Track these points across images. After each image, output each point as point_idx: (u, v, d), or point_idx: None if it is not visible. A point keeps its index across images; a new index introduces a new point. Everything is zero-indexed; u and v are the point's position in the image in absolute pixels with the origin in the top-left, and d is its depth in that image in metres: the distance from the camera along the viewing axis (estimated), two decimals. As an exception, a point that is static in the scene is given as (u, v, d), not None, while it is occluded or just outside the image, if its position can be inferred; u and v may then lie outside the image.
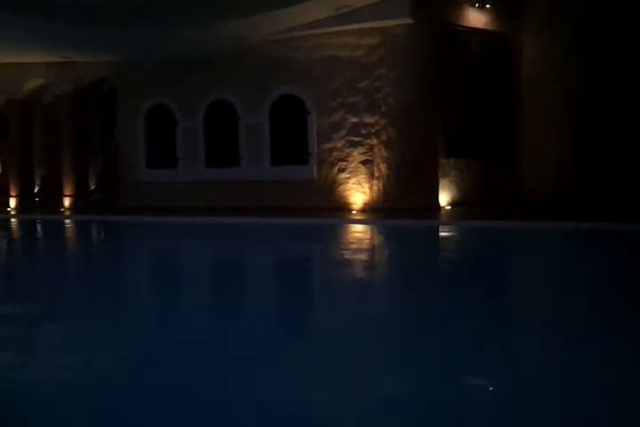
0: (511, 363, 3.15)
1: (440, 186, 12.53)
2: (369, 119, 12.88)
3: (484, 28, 13.44)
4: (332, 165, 13.44)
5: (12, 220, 14.92)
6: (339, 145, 13.34)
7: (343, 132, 13.25)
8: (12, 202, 16.99)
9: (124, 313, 4.52)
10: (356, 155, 13.13)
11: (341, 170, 13.32)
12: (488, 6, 13.34)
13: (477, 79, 13.39)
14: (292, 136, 13.91)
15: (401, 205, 12.40)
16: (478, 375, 3.00)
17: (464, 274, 5.88)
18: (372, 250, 8.23)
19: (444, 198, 12.66)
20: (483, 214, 11.34)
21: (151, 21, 12.30)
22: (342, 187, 13.32)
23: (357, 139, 13.08)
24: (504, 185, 13.51)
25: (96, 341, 3.74)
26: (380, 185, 12.86)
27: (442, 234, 10.00)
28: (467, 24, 13.15)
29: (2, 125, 18.35)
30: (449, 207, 12.62)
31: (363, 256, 7.33)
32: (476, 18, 13.29)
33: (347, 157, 13.24)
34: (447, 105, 12.69)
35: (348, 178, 13.23)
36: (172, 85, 15.12)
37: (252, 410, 2.57)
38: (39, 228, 13.70)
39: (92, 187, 17.85)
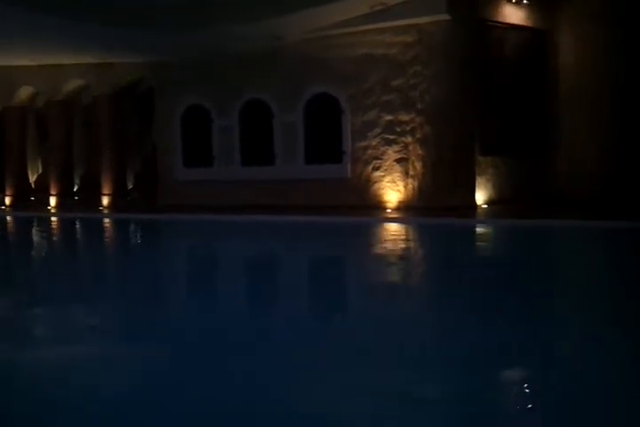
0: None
1: (476, 184, 12.26)
2: (404, 117, 12.66)
3: (521, 23, 13.11)
4: (367, 163, 13.26)
5: (53, 218, 15.08)
6: (373, 143, 13.15)
7: (377, 130, 13.06)
8: (53, 200, 17.19)
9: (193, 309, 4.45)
10: (391, 153, 12.92)
11: (376, 168, 13.14)
12: (525, 1, 13.00)
13: (514, 76, 13.07)
14: (326, 134, 13.77)
15: (436, 203, 12.16)
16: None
17: (517, 273, 5.68)
18: (419, 249, 8.07)
19: (481, 196, 12.39)
20: (521, 213, 11.05)
21: (187, 22, 12.28)
22: (377, 185, 13.14)
23: (392, 137, 12.87)
24: (541, 183, 13.16)
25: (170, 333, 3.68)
26: (415, 183, 12.64)
27: (484, 232, 9.78)
28: (503, 20, 12.84)
29: (42, 126, 18.61)
30: (485, 206, 12.34)
31: (411, 255, 7.19)
32: (512, 13, 12.97)
33: (381, 155, 13.05)
34: (484, 102, 12.40)
35: (383, 176, 13.04)
36: (208, 85, 15.10)
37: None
38: (80, 226, 13.81)
39: (130, 186, 17.98)
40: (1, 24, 12.46)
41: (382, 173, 13.04)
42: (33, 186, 19.08)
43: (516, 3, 12.96)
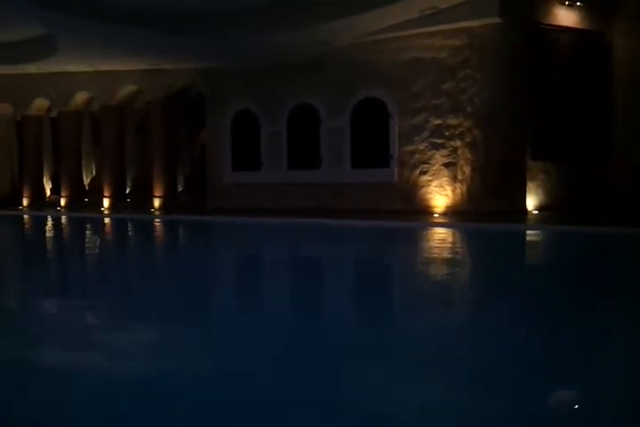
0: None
1: (527, 189, 11.86)
2: (453, 121, 12.36)
3: (575, 26, 12.66)
4: (414, 167, 13.01)
5: (106, 219, 15.30)
6: (421, 147, 12.89)
7: (425, 134, 12.80)
8: (105, 202, 17.46)
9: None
10: (439, 157, 12.64)
11: (423, 172, 12.87)
12: (579, 3, 12.55)
13: (567, 79, 12.61)
14: (373, 139, 13.59)
15: (485, 208, 11.82)
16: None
17: (575, 282, 5.38)
18: (472, 255, 7.80)
19: (531, 202, 11.98)
20: (574, 219, 10.61)
21: (239, 28, 12.29)
22: (424, 189, 12.87)
23: (440, 141, 12.59)
24: (595, 188, 12.65)
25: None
26: (464, 188, 12.32)
27: (535, 239, 9.39)
28: (556, 22, 12.43)
29: (96, 130, 18.97)
30: (536, 211, 11.92)
31: (465, 261, 6.93)
32: (565, 16, 12.54)
33: (429, 159, 12.78)
34: (536, 106, 12.01)
35: (430, 180, 12.76)
36: (257, 91, 15.12)
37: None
38: (131, 226, 13.96)
39: (180, 189, 18.15)
40: (65, 33, 12.75)
41: (430, 178, 12.76)
42: (87, 188, 19.47)
43: (569, 5, 12.54)
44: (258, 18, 11.98)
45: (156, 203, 16.67)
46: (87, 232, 12.85)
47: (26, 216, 16.91)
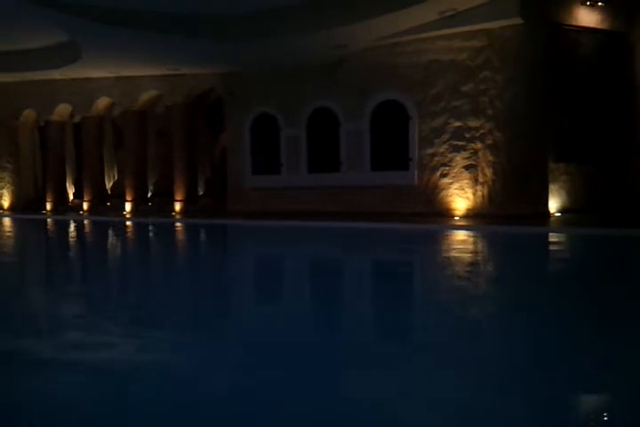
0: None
1: (549, 191, 11.63)
2: (473, 123, 12.18)
3: (596, 26, 12.42)
4: (434, 170, 12.84)
5: (128, 223, 15.32)
6: (441, 150, 12.72)
7: (445, 136, 12.62)
8: (127, 206, 17.51)
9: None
10: (459, 159, 12.46)
11: (443, 175, 12.69)
12: (600, 4, 12.31)
13: (589, 80, 12.37)
14: (392, 141, 13.45)
15: (507, 211, 11.62)
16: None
17: (603, 286, 5.19)
18: (496, 258, 7.62)
19: (554, 204, 11.75)
20: (597, 222, 10.37)
21: (257, 32, 12.23)
22: (444, 192, 12.69)
23: (460, 143, 12.41)
24: (618, 191, 12.38)
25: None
26: (485, 190, 12.12)
27: (558, 241, 9.17)
28: (577, 23, 12.21)
29: (118, 134, 19.06)
30: (558, 214, 11.69)
31: (490, 264, 6.76)
32: (587, 16, 12.31)
33: (449, 161, 12.60)
34: (557, 107, 11.79)
35: (451, 183, 12.58)
36: (276, 94, 15.07)
37: None
38: (153, 230, 13.95)
39: (201, 192, 18.14)
40: (88, 39, 12.80)
41: (450, 180, 12.58)
42: (109, 192, 19.56)
43: (591, 5, 12.30)
44: (275, 22, 11.91)
45: (177, 207, 16.68)
46: (112, 236, 12.86)
47: (49, 220, 17.00)
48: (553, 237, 9.42)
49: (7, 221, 17.27)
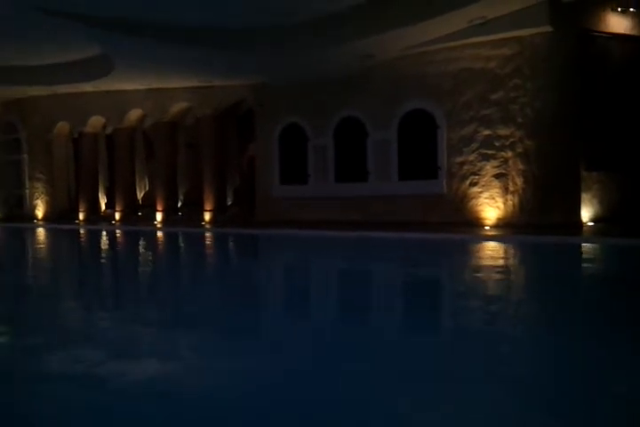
0: None
1: (581, 200, 11.33)
2: (503, 131, 11.96)
3: (627, 32, 12.12)
4: (463, 178, 12.63)
5: (160, 233, 15.38)
6: (470, 158, 12.51)
7: (475, 145, 12.42)
8: (158, 216, 17.60)
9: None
10: (489, 168, 12.23)
11: (473, 184, 12.47)
12: (631, 10, 12.03)
13: (620, 87, 12.07)
14: (420, 150, 13.29)
15: (538, 220, 11.35)
16: None
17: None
18: (530, 270, 7.41)
19: (586, 214, 11.43)
20: (632, 231, 10.04)
21: (287, 44, 12.22)
22: (474, 201, 12.46)
23: (490, 152, 12.19)
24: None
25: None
26: (516, 199, 11.86)
27: (592, 252, 8.88)
28: (608, 30, 11.94)
29: (149, 146, 19.22)
30: (591, 223, 11.37)
31: (524, 276, 6.55)
32: (618, 23, 12.03)
33: (479, 170, 12.38)
34: (588, 115, 11.50)
35: (481, 192, 12.35)
36: (304, 105, 15.05)
37: None
38: (183, 239, 13.97)
39: (230, 202, 18.15)
40: (120, 53, 12.94)
41: (480, 189, 12.35)
42: (140, 202, 19.69)
43: (622, 11, 12.02)
44: (304, 34, 11.88)
45: (207, 216, 16.70)
46: (145, 245, 12.90)
47: (83, 230, 17.17)
48: (587, 248, 9.12)
49: (42, 231, 17.49)
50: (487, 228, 11.77)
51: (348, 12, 10.91)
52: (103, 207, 19.92)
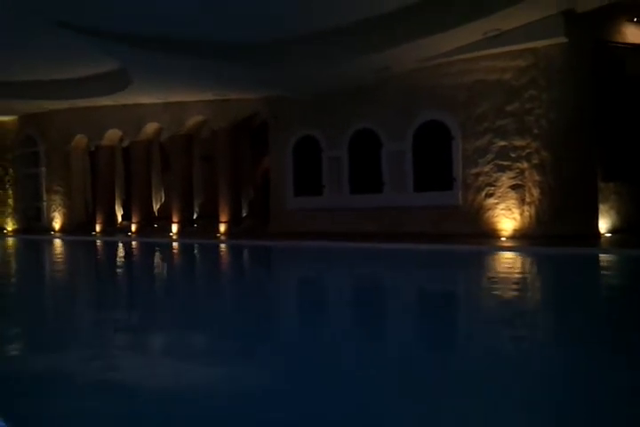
0: None
1: (599, 211, 11.20)
2: (519, 142, 11.88)
3: (643, 43, 12.04)
4: (479, 190, 12.54)
5: (175, 244, 15.40)
6: (485, 169, 12.43)
7: (490, 156, 12.34)
8: (174, 227, 17.65)
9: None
10: (505, 179, 12.14)
11: (489, 195, 12.38)
12: (647, 20, 11.95)
13: (637, 97, 11.96)
14: (435, 162, 13.24)
15: (555, 231, 11.23)
16: None
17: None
18: (548, 282, 7.30)
19: (604, 225, 11.29)
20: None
21: (301, 58, 12.25)
22: (490, 212, 12.36)
23: (506, 163, 12.11)
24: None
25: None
26: (532, 210, 11.75)
27: (611, 263, 8.75)
28: (623, 40, 11.87)
29: (165, 158, 19.33)
30: (609, 234, 11.22)
31: (543, 288, 6.46)
32: (634, 33, 11.97)
33: (494, 181, 12.29)
34: (604, 126, 11.40)
35: (497, 203, 12.25)
36: (318, 117, 15.08)
37: None
38: (199, 251, 13.98)
39: (244, 214, 18.18)
40: (137, 67, 13.07)
41: (496, 201, 12.26)
42: (156, 214, 19.77)
43: (637, 22, 11.95)
44: (319, 48, 11.92)
45: (222, 228, 16.72)
46: (162, 256, 12.93)
47: (100, 241, 17.25)
48: (605, 260, 8.98)
49: (60, 243, 17.60)
50: (503, 239, 11.66)
51: (365, 26, 10.93)
52: (120, 219, 20.02)
